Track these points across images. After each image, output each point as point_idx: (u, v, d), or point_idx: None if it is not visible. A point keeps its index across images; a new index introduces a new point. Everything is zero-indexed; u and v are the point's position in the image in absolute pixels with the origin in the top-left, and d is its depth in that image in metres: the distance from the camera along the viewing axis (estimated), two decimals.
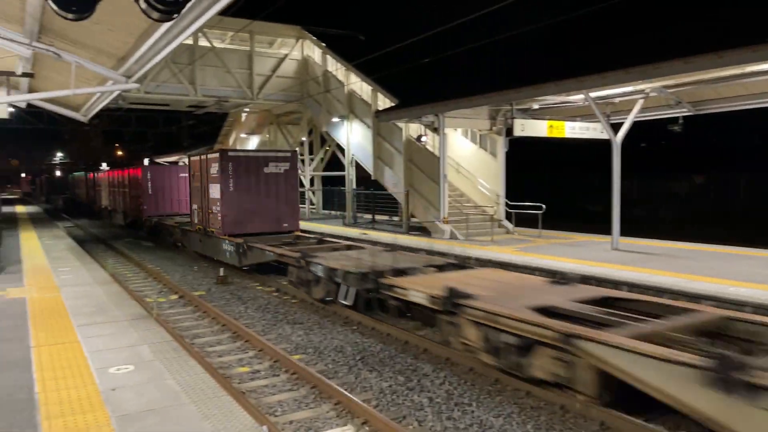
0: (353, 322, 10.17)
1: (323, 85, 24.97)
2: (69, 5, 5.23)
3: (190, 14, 6.46)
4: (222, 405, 5.00)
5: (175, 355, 6.40)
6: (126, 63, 9.14)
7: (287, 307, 11.56)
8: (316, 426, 6.08)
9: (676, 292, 9.49)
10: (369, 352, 8.53)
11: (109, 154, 63.93)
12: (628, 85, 13.87)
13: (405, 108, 19.15)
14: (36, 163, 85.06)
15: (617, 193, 14.38)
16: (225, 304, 11.88)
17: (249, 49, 25.23)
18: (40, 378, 5.72)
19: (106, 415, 4.80)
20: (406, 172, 20.05)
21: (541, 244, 15.59)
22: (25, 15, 7.67)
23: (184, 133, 47.61)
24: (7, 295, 9.83)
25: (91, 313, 8.47)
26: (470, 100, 16.61)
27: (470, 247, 15.19)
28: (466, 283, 8.44)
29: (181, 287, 13.49)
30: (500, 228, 18.80)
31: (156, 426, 4.59)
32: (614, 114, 16.18)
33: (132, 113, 40.22)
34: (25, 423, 4.71)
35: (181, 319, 10.82)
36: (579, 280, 10.42)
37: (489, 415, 6.28)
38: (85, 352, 6.56)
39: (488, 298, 7.46)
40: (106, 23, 7.68)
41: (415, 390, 7.03)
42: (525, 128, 16.69)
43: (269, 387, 7.20)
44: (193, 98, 24.55)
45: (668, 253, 13.59)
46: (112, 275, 13.88)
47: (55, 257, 14.43)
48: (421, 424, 6.09)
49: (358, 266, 10.25)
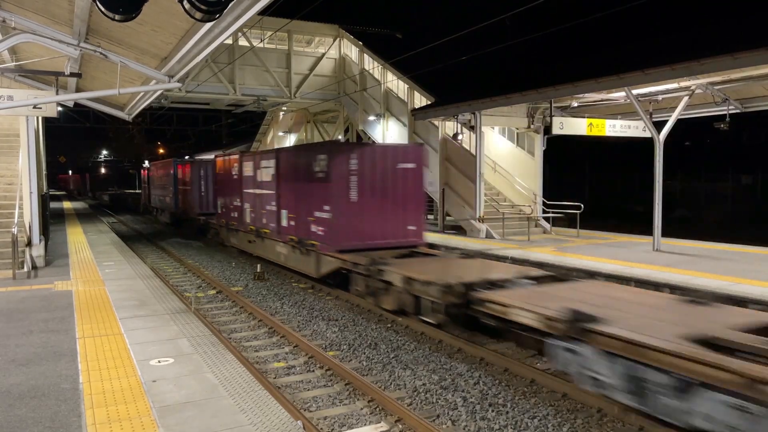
0: (387, 320, 10.19)
1: (360, 83, 25.06)
2: (116, 6, 5.37)
3: (231, 14, 6.57)
4: (258, 399, 5.08)
5: (213, 349, 6.53)
6: (169, 63, 9.35)
7: (323, 304, 11.66)
8: (350, 422, 6.11)
9: (721, 296, 9.19)
10: (403, 350, 8.53)
11: (151, 152, 65.53)
12: (672, 82, 13.49)
13: (441, 106, 19.06)
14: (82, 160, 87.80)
15: (659, 193, 14.02)
16: (262, 300, 12.06)
17: (287, 49, 25.51)
18: (84, 368, 5.91)
19: (147, 406, 4.93)
20: (441, 171, 19.96)
21: (579, 244, 15.31)
22: (74, 17, 7.92)
23: (223, 132, 48.46)
24: (54, 287, 10.19)
25: (134, 306, 8.71)
26: (508, 98, 16.42)
27: (507, 246, 15.03)
28: (579, 300, 7.30)
29: (220, 282, 13.74)
30: (537, 227, 18.55)
31: (194, 418, 4.69)
32: (657, 112, 15.77)
33: (173, 112, 41.15)
34: (71, 412, 4.88)
35: (219, 313, 11.03)
36: (628, 282, 10.19)
37: (524, 416, 6.21)
38: (127, 344, 6.75)
39: (622, 322, 6.23)
40: (150, 24, 7.88)
41: (449, 389, 7.00)
42: (564, 126, 16.42)
43: (304, 382, 7.28)
44: (233, 97, 24.96)
45: (712, 255, 13.18)
46: (154, 269, 14.23)
47: (99, 251, 14.88)
48: (454, 424, 6.06)
49: (440, 277, 8.83)
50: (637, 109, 14.03)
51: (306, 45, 27.05)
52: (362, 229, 12.37)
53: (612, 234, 17.74)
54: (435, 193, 20.61)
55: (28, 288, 10.17)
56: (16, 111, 11.46)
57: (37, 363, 6.11)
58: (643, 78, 12.68)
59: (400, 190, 12.77)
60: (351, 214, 12.30)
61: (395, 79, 22.81)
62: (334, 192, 12.20)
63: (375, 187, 12.53)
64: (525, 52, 20.22)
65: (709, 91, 14.05)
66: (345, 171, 12.29)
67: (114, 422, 4.61)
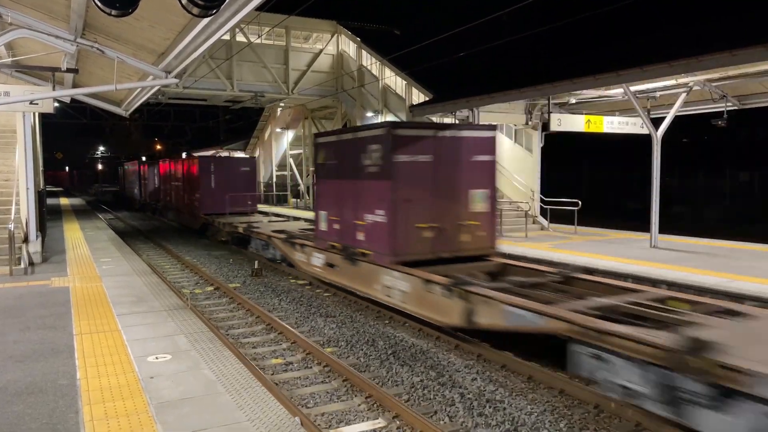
0: (385, 317, 10.19)
1: (358, 79, 25.03)
2: (113, 1, 5.35)
3: (229, 10, 6.54)
4: (256, 395, 5.08)
5: (210, 346, 6.53)
6: (166, 59, 9.32)
7: (320, 300, 11.66)
8: (348, 419, 6.12)
9: (718, 292, 9.21)
10: (401, 347, 8.54)
11: (148, 148, 65.44)
12: (669, 79, 13.49)
13: (439, 102, 19.04)
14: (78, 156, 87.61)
15: (657, 190, 14.04)
16: (259, 297, 12.06)
17: (285, 45, 25.46)
18: (82, 365, 5.91)
19: (144, 402, 4.93)
20: None
21: (576, 241, 15.33)
22: (71, 12, 7.89)
23: (220, 128, 48.41)
24: (51, 284, 10.17)
25: (131, 302, 8.70)
26: (506, 95, 16.40)
27: (504, 243, 15.04)
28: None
29: (217, 279, 13.74)
30: (535, 224, 18.56)
31: (192, 414, 4.69)
32: (654, 108, 15.77)
33: (171, 108, 41.09)
34: (68, 408, 4.88)
35: (216, 310, 11.03)
36: (615, 278, 10.19)
37: (521, 412, 6.23)
38: (125, 340, 6.75)
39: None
40: (148, 19, 7.85)
41: (447, 385, 7.01)
42: (562, 123, 16.42)
43: (302, 379, 7.29)
44: (230, 93, 24.93)
45: (709, 251, 13.20)
46: (151, 266, 14.22)
47: (96, 248, 14.86)
48: (452, 420, 6.08)
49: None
50: (634, 105, 14.04)
51: (304, 41, 27.01)
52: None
53: (610, 231, 17.76)
54: None
55: (25, 284, 10.15)
56: (12, 107, 11.42)
57: (35, 359, 6.10)
58: (641, 75, 12.67)
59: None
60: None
61: (393, 75, 22.79)
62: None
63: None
64: (523, 49, 20.21)
65: (707, 88, 14.05)
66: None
67: (111, 418, 4.61)
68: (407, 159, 9.74)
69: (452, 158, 10.23)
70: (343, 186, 11.39)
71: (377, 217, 10.16)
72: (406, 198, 9.75)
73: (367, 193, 10.45)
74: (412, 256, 9.72)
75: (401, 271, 9.42)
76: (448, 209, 10.13)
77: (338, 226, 11.55)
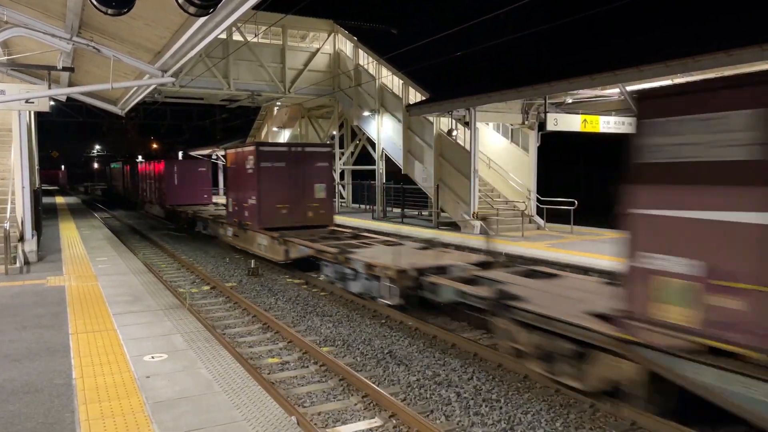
0: (382, 316, 10.21)
1: (354, 79, 25.02)
2: (109, 0, 5.34)
3: (225, 9, 6.54)
4: (252, 395, 5.08)
5: (207, 345, 6.52)
6: (162, 57, 9.30)
7: (316, 300, 11.66)
8: (344, 418, 6.12)
9: None
10: (397, 346, 8.55)
11: (144, 147, 65.25)
12: (666, 79, 13.53)
13: (436, 102, 19.06)
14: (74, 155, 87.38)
15: None
16: (256, 296, 12.05)
17: (282, 44, 25.43)
18: (78, 364, 5.89)
19: (140, 402, 4.93)
20: (436, 167, 19.98)
21: (572, 240, 15.37)
22: (66, 10, 7.88)
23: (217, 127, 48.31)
24: (47, 283, 10.15)
25: (127, 302, 8.68)
26: (502, 94, 16.43)
27: (500, 242, 15.06)
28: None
29: (214, 278, 13.72)
30: (531, 224, 18.60)
31: (188, 413, 4.69)
32: None
33: (167, 107, 41.00)
34: (64, 407, 4.87)
35: (213, 309, 11.02)
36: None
37: (517, 411, 6.24)
38: (120, 339, 6.74)
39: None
40: (144, 18, 7.84)
41: (443, 385, 7.02)
42: (558, 123, 16.46)
43: (298, 378, 7.29)
44: (227, 92, 24.90)
45: None
46: (147, 265, 14.19)
47: (92, 247, 14.83)
48: (448, 419, 6.08)
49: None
50: (632, 105, 14.07)
51: (300, 40, 26.98)
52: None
53: (606, 230, 17.81)
54: (429, 189, 20.63)
55: (21, 283, 10.12)
56: (8, 105, 11.38)
57: (30, 359, 6.09)
58: (638, 75, 12.72)
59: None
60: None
61: (390, 74, 22.79)
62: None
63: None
64: (521, 49, 20.23)
65: None
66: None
67: (107, 418, 4.60)
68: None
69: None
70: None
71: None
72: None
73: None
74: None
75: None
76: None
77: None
